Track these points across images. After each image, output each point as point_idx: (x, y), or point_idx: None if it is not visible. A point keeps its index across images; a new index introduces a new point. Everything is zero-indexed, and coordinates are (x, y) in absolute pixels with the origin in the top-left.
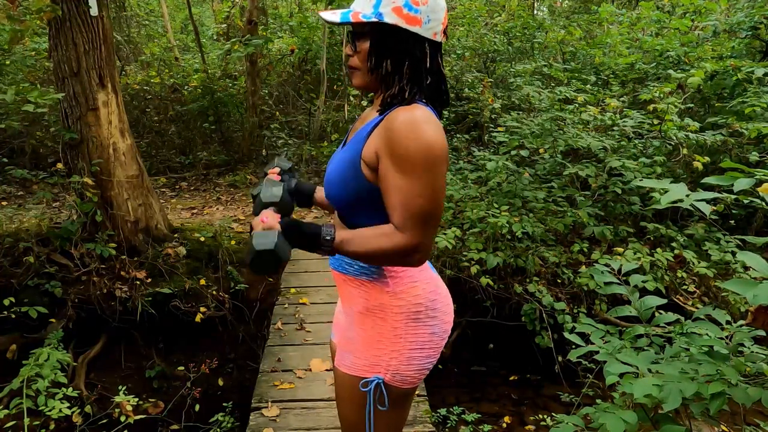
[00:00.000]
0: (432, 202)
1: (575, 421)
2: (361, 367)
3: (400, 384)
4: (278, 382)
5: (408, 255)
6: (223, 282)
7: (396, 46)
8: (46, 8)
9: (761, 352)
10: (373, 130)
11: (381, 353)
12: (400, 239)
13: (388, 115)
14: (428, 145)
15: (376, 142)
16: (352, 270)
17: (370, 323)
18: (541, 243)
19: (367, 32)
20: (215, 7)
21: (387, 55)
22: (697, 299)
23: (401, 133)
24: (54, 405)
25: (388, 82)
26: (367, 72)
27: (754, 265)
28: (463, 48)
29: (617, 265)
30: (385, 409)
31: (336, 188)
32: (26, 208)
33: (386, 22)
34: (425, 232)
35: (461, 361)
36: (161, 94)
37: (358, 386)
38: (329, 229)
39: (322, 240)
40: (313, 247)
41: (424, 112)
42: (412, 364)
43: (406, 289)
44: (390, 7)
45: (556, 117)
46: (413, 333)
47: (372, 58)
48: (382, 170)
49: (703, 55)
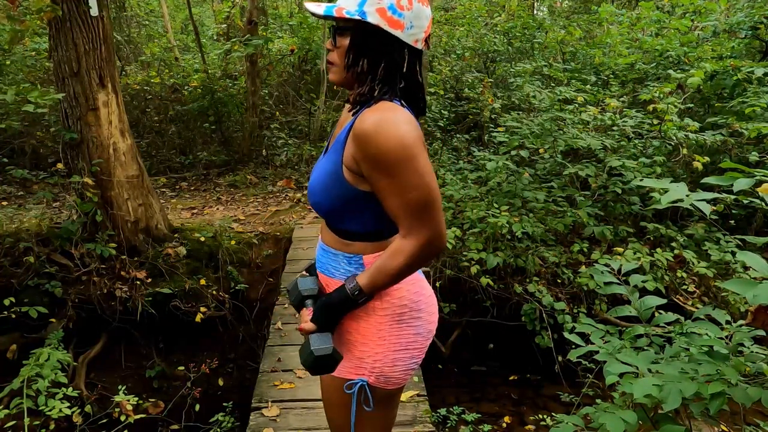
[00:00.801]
0: (424, 188)
1: (575, 421)
2: (346, 370)
3: (385, 385)
4: (278, 382)
5: (427, 252)
6: (223, 282)
7: (375, 46)
8: (47, 8)
9: (761, 351)
10: (348, 135)
11: (365, 355)
12: (411, 246)
13: (356, 120)
14: (399, 140)
15: (352, 149)
16: (338, 273)
17: (354, 325)
18: (541, 243)
19: (348, 29)
20: (215, 8)
21: (364, 54)
22: (696, 299)
23: (371, 139)
24: (54, 405)
25: (362, 80)
26: (344, 68)
27: (754, 265)
28: (463, 48)
29: (617, 265)
30: (370, 410)
31: (319, 196)
32: (26, 208)
33: (369, 22)
34: (430, 222)
35: (461, 361)
36: (161, 94)
37: (343, 388)
38: (351, 285)
39: (353, 298)
40: (353, 308)
41: (386, 106)
42: (396, 365)
43: (390, 291)
44: (375, 7)
45: (556, 117)
46: (397, 334)
47: (350, 55)
48: (368, 179)
49: (702, 55)
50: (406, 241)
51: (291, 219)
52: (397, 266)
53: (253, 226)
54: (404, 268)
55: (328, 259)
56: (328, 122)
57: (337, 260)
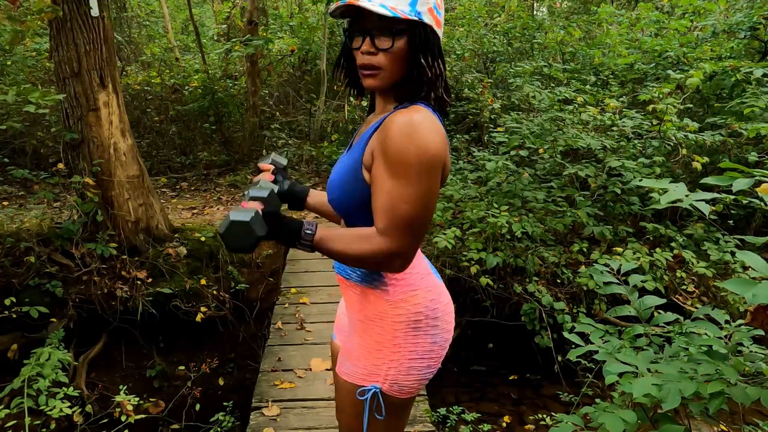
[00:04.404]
0: (419, 209)
1: (575, 421)
2: (359, 376)
3: (398, 394)
4: (278, 381)
5: (387, 261)
6: (223, 282)
7: (432, 48)
8: (47, 9)
9: (760, 351)
10: (374, 133)
11: (379, 362)
12: (380, 244)
13: (387, 118)
14: (423, 149)
15: (373, 145)
16: (355, 276)
17: (369, 331)
18: (541, 243)
19: (403, 31)
20: (216, 8)
21: (425, 54)
22: (696, 299)
23: (396, 136)
24: (55, 404)
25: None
26: (396, 71)
27: (753, 265)
28: (462, 48)
29: (616, 264)
30: (382, 419)
31: (337, 192)
32: (27, 208)
33: (426, 22)
34: (407, 239)
35: (461, 361)
36: (162, 95)
37: (356, 394)
38: (311, 226)
39: (302, 233)
40: (293, 241)
41: (424, 114)
42: (411, 374)
43: (406, 297)
44: (426, 6)
45: (555, 117)
46: (413, 342)
47: (411, 57)
48: (374, 171)
49: (702, 55)
50: (380, 238)
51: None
52: (355, 248)
53: None
54: (358, 255)
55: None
56: (328, 122)
57: None
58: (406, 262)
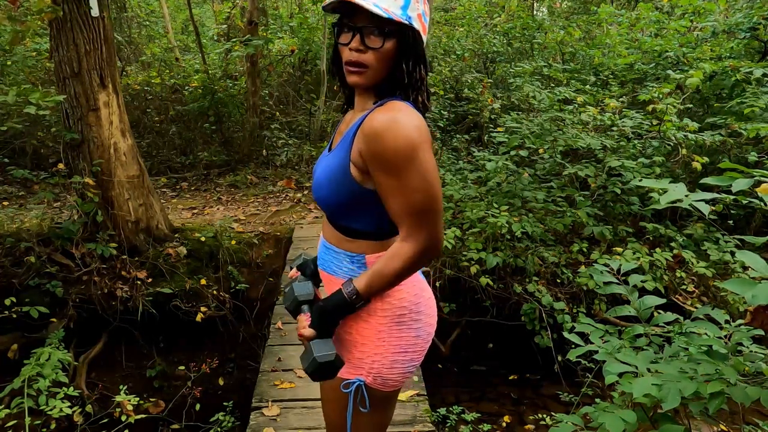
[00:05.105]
0: (428, 192)
1: (575, 421)
2: (344, 369)
3: (382, 387)
4: (279, 381)
5: (424, 257)
6: (223, 282)
7: (418, 51)
8: (47, 9)
9: (760, 351)
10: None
11: (364, 356)
12: (409, 250)
13: (366, 118)
14: (408, 140)
15: (360, 145)
16: (340, 271)
17: (353, 325)
18: (541, 243)
19: (393, 33)
20: (216, 8)
21: (410, 58)
22: (696, 299)
23: (380, 137)
24: (55, 404)
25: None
26: (381, 71)
27: (753, 265)
28: (462, 48)
29: (616, 264)
30: (366, 411)
31: (326, 191)
32: (27, 208)
33: (414, 27)
34: (430, 227)
35: (461, 361)
36: (162, 95)
37: (340, 387)
38: (349, 289)
39: (350, 303)
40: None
41: (397, 106)
42: (394, 368)
43: (391, 292)
44: (416, 12)
45: (555, 117)
46: (397, 336)
47: (397, 59)
48: (375, 177)
49: (701, 55)
50: (406, 245)
51: (291, 219)
52: (394, 270)
53: (253, 226)
54: (401, 271)
55: (330, 257)
56: (328, 122)
57: (339, 258)
58: (440, 244)
